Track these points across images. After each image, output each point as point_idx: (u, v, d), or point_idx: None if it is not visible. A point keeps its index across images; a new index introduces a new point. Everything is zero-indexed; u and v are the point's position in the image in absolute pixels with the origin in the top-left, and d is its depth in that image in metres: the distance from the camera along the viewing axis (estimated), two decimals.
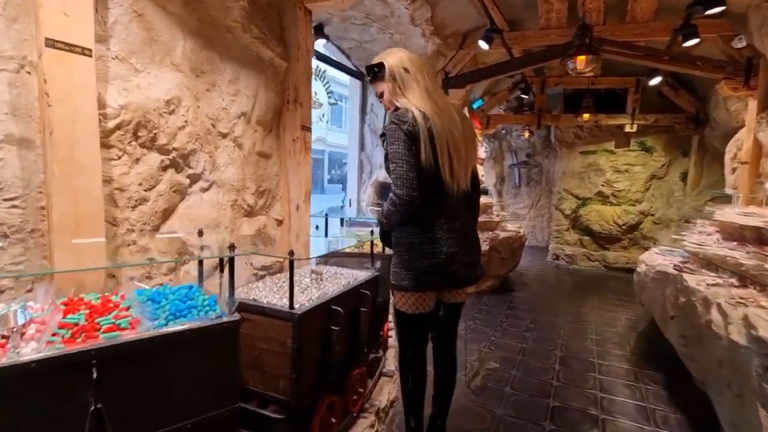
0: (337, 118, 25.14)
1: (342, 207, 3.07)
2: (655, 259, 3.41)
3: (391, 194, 1.43)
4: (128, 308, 1.24)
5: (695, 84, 6.12)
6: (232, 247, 1.28)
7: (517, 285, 5.53)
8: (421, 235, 1.52)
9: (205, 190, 2.08)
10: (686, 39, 3.73)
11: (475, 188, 1.69)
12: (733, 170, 4.58)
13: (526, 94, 6.07)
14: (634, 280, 3.46)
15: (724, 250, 2.66)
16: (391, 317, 2.55)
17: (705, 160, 6.30)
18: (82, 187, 1.43)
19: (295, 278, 2.02)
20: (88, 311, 1.17)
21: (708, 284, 2.42)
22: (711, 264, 2.92)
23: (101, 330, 1.09)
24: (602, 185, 7.03)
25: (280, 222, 2.57)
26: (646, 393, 2.67)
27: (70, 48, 1.37)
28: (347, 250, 2.40)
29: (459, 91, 5.06)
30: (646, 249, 6.90)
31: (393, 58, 1.53)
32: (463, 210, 1.62)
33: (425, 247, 1.52)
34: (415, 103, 1.47)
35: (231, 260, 1.29)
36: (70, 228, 1.40)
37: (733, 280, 2.55)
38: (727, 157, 4.69)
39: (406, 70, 1.51)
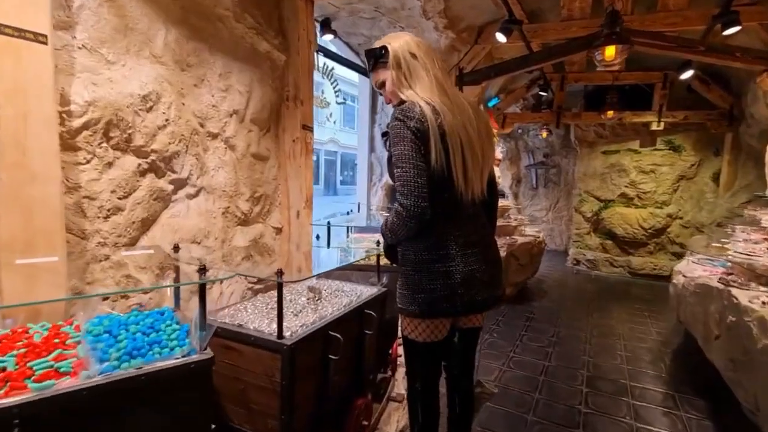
0: (350, 119, 25.07)
1: (349, 213, 2.82)
2: (694, 269, 3.08)
3: (396, 204, 1.21)
4: (78, 344, 1.03)
5: (729, 78, 5.71)
6: (202, 270, 1.06)
7: (537, 293, 5.22)
8: (432, 251, 1.29)
9: (192, 196, 1.87)
10: (726, 27, 3.39)
11: (492, 193, 1.47)
12: None
13: (545, 92, 5.75)
14: (670, 293, 3.13)
15: None
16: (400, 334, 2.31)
17: (739, 159, 5.87)
18: (37, 197, 1.22)
19: (290, 297, 1.80)
20: (24, 350, 0.96)
21: (764, 302, 2.10)
22: (761, 276, 2.60)
23: (33, 377, 0.88)
24: (626, 186, 6.65)
25: (279, 230, 2.35)
26: (689, 423, 2.37)
27: (20, 33, 1.17)
28: (351, 262, 2.16)
29: (474, 89, 4.79)
30: (674, 254, 6.52)
31: (398, 42, 1.32)
32: (480, 219, 1.40)
33: (438, 265, 1.28)
34: (422, 95, 1.26)
35: (202, 287, 1.07)
36: (21, 245, 1.20)
37: None
38: None
39: (413, 55, 1.30)
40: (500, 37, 3.73)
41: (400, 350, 2.50)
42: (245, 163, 2.14)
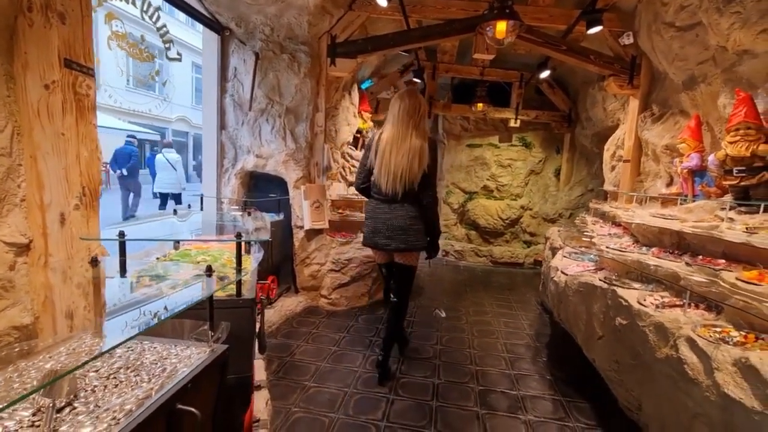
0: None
1: (175, 213, 1.86)
2: (568, 265, 3.08)
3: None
4: None
5: (568, 84, 6.37)
6: None
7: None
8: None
9: None
10: (590, 26, 3.50)
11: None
12: (613, 168, 4.69)
13: (419, 78, 5.50)
14: (550, 291, 3.10)
15: (652, 259, 2.36)
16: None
17: (575, 157, 6.66)
18: None
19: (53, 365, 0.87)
20: None
21: (657, 306, 2.02)
22: (630, 271, 2.65)
23: None
24: (488, 179, 6.97)
25: (22, 248, 1.31)
26: None
27: None
28: (173, 311, 1.29)
29: (349, 63, 4.14)
30: (525, 243, 7.13)
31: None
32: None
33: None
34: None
35: None
36: None
37: (666, 293, 2.25)
38: (607, 155, 4.79)
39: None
40: (381, 0, 3.17)
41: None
42: None
